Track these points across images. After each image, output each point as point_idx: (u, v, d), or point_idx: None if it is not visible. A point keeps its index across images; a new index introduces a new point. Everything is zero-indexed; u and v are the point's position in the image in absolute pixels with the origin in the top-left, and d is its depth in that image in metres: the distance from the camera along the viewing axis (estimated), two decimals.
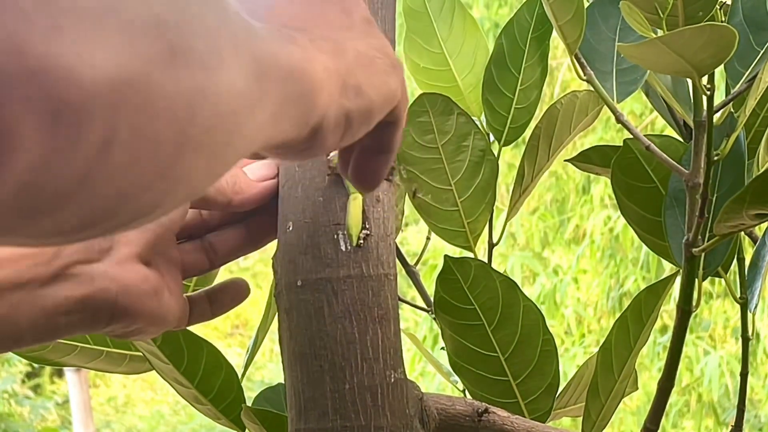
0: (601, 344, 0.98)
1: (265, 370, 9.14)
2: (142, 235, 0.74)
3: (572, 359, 5.51)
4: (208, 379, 1.04)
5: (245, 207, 0.81)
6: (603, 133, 5.42)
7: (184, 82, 0.40)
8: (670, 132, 1.10)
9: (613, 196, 1.26)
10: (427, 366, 5.48)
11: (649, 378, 5.05)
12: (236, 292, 0.83)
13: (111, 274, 0.72)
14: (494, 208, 1.08)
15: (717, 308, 5.64)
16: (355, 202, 0.80)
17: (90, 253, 0.71)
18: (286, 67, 0.49)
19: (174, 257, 0.78)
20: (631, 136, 0.99)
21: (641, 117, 5.42)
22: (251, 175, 0.81)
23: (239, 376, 1.06)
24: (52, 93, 0.35)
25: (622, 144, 1.02)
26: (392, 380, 0.82)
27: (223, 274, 1.11)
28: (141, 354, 1.03)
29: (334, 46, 0.57)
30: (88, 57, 0.36)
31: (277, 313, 0.84)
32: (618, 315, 0.96)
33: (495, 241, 1.11)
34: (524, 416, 0.98)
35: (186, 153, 0.41)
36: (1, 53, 0.34)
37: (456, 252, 1.09)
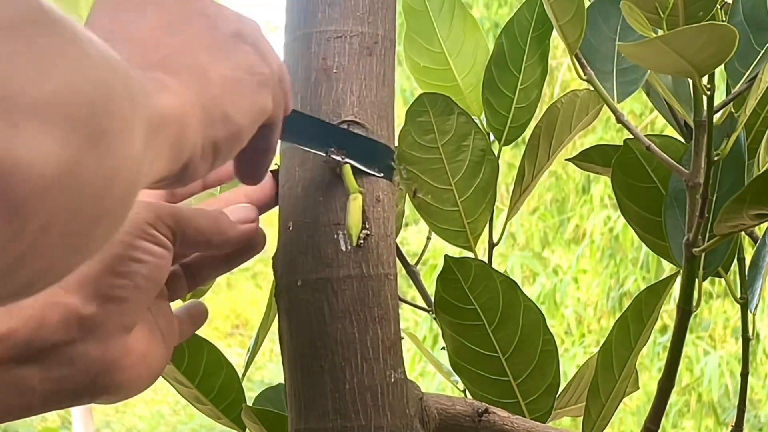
0: (601, 344, 0.98)
1: (265, 370, 9.14)
2: (132, 306, 0.71)
3: (572, 359, 5.51)
4: (208, 378, 1.04)
5: (224, 248, 0.79)
6: (603, 132, 5.42)
7: (107, 163, 0.44)
8: (671, 132, 1.10)
9: (613, 196, 1.27)
10: (427, 366, 5.48)
11: (649, 378, 5.05)
12: (197, 316, 0.81)
13: (92, 356, 0.69)
14: (494, 207, 1.08)
15: (717, 308, 5.65)
16: (355, 202, 0.80)
17: (70, 332, 0.68)
18: (164, 118, 0.54)
19: (162, 293, 0.76)
20: (632, 136, 0.99)
21: (641, 117, 5.42)
22: (232, 217, 0.79)
23: (240, 376, 1.06)
24: (8, 190, 0.38)
25: (622, 144, 1.02)
26: (392, 380, 0.82)
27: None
28: None
29: (199, 77, 0.60)
30: (36, 152, 0.39)
31: (277, 313, 0.84)
32: (618, 315, 0.96)
33: (495, 241, 1.11)
34: (525, 416, 0.98)
35: (102, 222, 0.45)
36: None
37: (456, 252, 1.09)
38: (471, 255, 1.07)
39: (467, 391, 1.02)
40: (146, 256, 0.70)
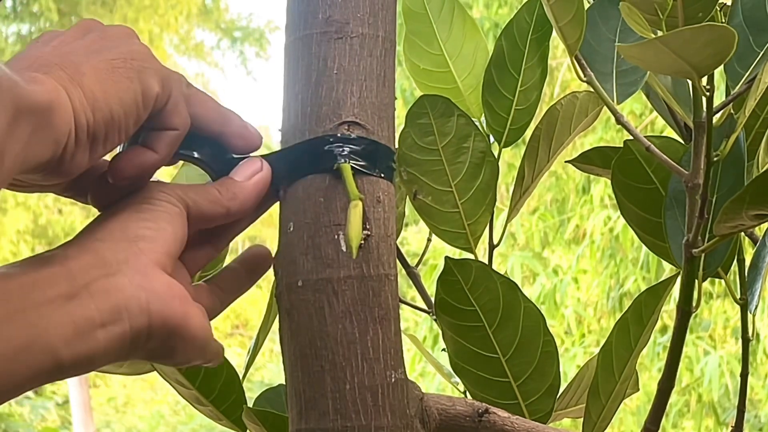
0: (601, 346, 0.98)
1: (264, 371, 9.14)
2: (161, 245, 0.73)
3: (572, 359, 5.51)
4: (209, 380, 1.04)
5: (244, 210, 0.80)
6: (603, 133, 5.42)
7: None
8: (670, 133, 1.10)
9: (612, 196, 1.27)
10: (427, 366, 5.48)
11: (648, 378, 5.05)
12: (262, 258, 0.83)
13: (137, 282, 0.69)
14: (494, 209, 1.08)
15: (717, 308, 5.64)
16: (355, 210, 0.80)
17: (107, 267, 0.69)
18: (32, 103, 0.63)
19: (184, 270, 0.78)
20: (631, 137, 0.99)
21: (641, 117, 5.42)
22: (238, 177, 0.80)
23: (240, 377, 1.06)
24: None
25: (622, 145, 1.02)
26: (393, 380, 0.82)
27: None
28: None
29: (71, 71, 0.68)
30: None
31: (278, 314, 0.84)
32: (618, 315, 0.96)
33: (495, 242, 1.11)
34: (525, 417, 0.98)
35: None
36: None
37: (455, 253, 1.09)
38: (471, 256, 1.07)
39: (467, 392, 1.02)
40: (164, 204, 0.75)
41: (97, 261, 0.69)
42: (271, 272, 0.85)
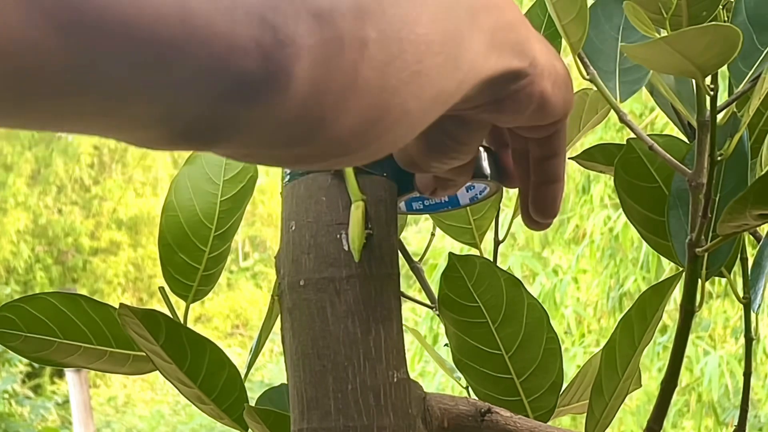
0: (605, 343, 0.98)
1: (264, 370, 9.15)
2: None
3: (572, 359, 5.52)
4: (211, 378, 1.04)
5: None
6: (603, 133, 5.42)
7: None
8: (671, 131, 1.10)
9: (613, 195, 1.26)
10: (428, 366, 5.49)
11: (649, 378, 5.05)
12: None
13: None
14: (500, 205, 1.08)
15: (717, 308, 5.65)
16: (357, 211, 0.80)
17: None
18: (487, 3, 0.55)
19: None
20: (634, 136, 0.99)
21: (641, 117, 5.42)
22: None
23: (242, 375, 1.06)
24: (311, 5, 0.43)
25: (625, 143, 1.02)
26: (395, 380, 0.82)
27: (223, 274, 1.10)
28: (144, 354, 1.03)
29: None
30: None
31: (279, 313, 0.84)
32: (618, 315, 0.96)
33: (501, 238, 1.11)
34: (527, 414, 0.98)
35: (423, 51, 0.48)
36: None
37: (457, 249, 1.09)
38: (475, 252, 1.07)
39: (470, 389, 1.02)
40: None
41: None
42: (270, 271, 0.85)
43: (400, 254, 0.87)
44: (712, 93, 0.89)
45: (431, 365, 5.58)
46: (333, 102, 0.45)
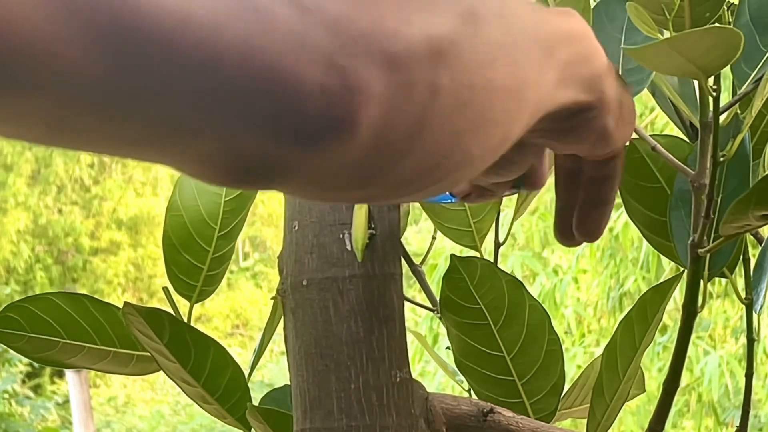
0: (606, 344, 0.98)
1: (265, 370, 9.15)
2: None
3: (572, 359, 5.51)
4: (214, 377, 1.04)
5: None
6: None
7: (483, 38, 0.45)
8: (671, 131, 1.10)
9: None
10: (428, 366, 5.49)
11: (648, 378, 5.05)
12: None
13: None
14: (500, 207, 1.08)
15: (717, 308, 5.64)
16: (360, 211, 0.80)
17: None
18: (566, 30, 0.52)
19: None
20: (637, 137, 0.99)
21: (641, 117, 5.42)
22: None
23: (245, 374, 1.06)
24: (384, 47, 0.41)
25: (627, 144, 1.02)
26: (398, 380, 0.82)
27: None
28: (148, 354, 1.03)
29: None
30: (405, 22, 0.42)
31: (282, 313, 0.84)
32: (618, 315, 0.96)
33: (501, 240, 1.11)
34: (529, 416, 0.98)
35: (493, 97, 0.46)
36: (342, 26, 0.40)
37: (457, 250, 1.09)
38: (475, 254, 1.07)
39: (472, 391, 1.02)
40: None
41: None
42: (270, 271, 0.85)
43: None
44: (714, 94, 0.89)
45: (431, 365, 5.58)
46: (396, 148, 0.43)
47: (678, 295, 0.98)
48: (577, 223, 0.68)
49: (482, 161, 0.49)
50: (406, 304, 0.97)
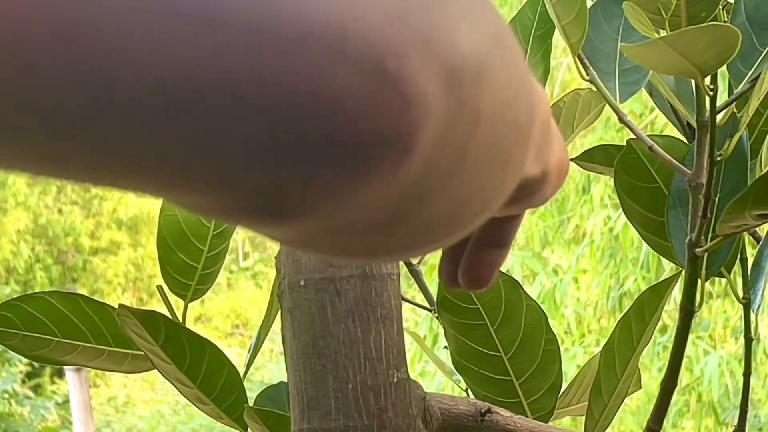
0: (604, 344, 0.98)
1: (264, 370, 9.15)
2: None
3: (572, 359, 5.51)
4: (210, 378, 1.04)
5: None
6: (603, 133, 5.42)
7: (508, 68, 0.39)
8: (671, 132, 1.10)
9: (613, 195, 1.26)
10: (427, 366, 5.48)
11: (648, 378, 5.05)
12: None
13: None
14: None
15: (717, 308, 5.64)
16: None
17: None
18: (540, 90, 0.46)
19: None
20: (634, 136, 0.99)
21: (641, 117, 5.42)
22: None
23: (241, 375, 1.06)
24: (441, 56, 0.33)
25: (625, 144, 1.02)
26: (395, 380, 0.82)
27: (223, 273, 1.10)
28: (142, 353, 1.03)
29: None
30: (457, 31, 0.35)
31: (279, 313, 0.84)
32: (618, 315, 0.96)
33: None
34: (527, 416, 0.98)
35: (517, 137, 0.40)
36: (399, 29, 0.32)
37: None
38: None
39: (469, 391, 1.02)
40: None
41: None
42: (270, 271, 0.85)
43: None
44: (711, 93, 0.89)
45: (431, 365, 5.58)
46: (435, 182, 0.36)
47: (678, 295, 0.98)
48: (465, 267, 0.58)
49: (494, 209, 0.42)
50: (405, 304, 0.97)
